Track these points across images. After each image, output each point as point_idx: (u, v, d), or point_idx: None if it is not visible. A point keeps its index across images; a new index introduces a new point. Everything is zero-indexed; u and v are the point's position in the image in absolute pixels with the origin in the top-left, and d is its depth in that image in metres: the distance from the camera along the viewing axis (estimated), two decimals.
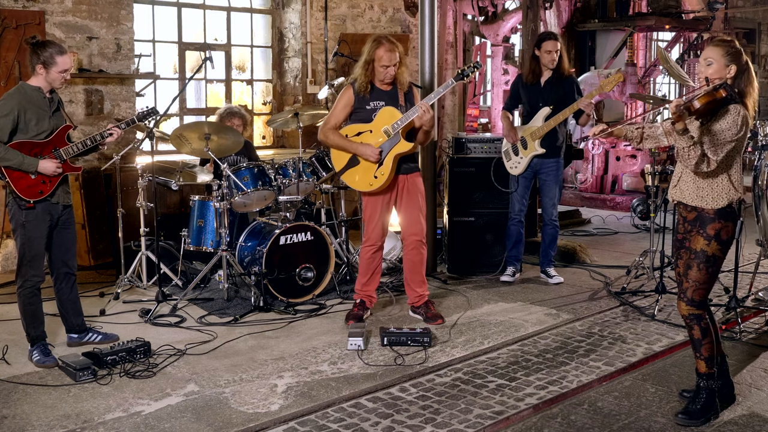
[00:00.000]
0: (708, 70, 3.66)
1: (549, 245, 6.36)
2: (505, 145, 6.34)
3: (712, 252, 3.68)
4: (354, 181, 5.22)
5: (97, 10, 7.13)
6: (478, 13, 10.22)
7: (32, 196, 4.40)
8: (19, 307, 4.56)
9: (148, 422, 3.75)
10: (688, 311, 3.74)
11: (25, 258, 4.47)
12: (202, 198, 6.04)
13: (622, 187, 10.14)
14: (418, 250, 5.31)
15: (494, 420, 3.76)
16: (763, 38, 14.87)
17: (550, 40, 6.12)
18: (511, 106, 6.46)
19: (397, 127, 5.05)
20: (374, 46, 5.08)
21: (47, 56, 4.38)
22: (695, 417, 3.72)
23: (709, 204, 3.67)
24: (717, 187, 3.67)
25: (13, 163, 4.33)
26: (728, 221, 3.68)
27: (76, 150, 4.55)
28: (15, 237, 4.50)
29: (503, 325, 5.23)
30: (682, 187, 3.79)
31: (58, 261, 4.64)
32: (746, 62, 3.66)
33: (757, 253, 5.72)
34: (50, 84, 4.45)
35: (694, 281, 3.72)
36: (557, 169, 6.24)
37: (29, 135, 4.39)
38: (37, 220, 4.44)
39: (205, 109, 8.50)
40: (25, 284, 4.49)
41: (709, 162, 3.57)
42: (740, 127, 3.55)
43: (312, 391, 4.11)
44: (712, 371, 3.76)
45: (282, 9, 8.99)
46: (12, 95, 4.39)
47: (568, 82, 6.18)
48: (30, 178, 4.39)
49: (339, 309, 5.59)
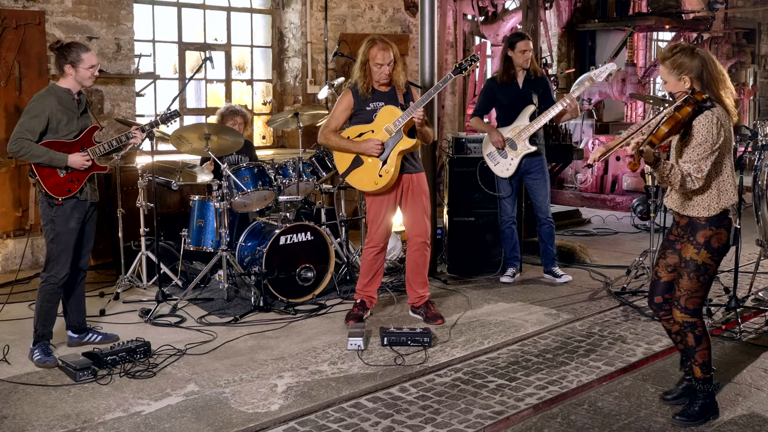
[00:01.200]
0: (666, 88, 3.64)
1: (548, 242, 6.35)
2: (488, 147, 6.28)
3: (702, 261, 3.62)
4: (359, 181, 5.21)
5: (97, 10, 7.13)
6: (478, 13, 10.22)
7: (61, 194, 4.51)
8: (36, 302, 4.61)
9: (148, 422, 3.75)
10: (683, 319, 3.71)
11: (53, 253, 4.55)
12: (202, 198, 6.05)
13: (622, 187, 10.15)
14: (422, 251, 5.31)
15: (494, 420, 3.76)
16: (763, 38, 14.87)
17: (524, 40, 6.16)
18: (483, 112, 6.44)
19: (399, 124, 5.05)
20: (368, 46, 5.11)
21: (74, 56, 4.52)
22: (694, 418, 3.71)
23: (701, 212, 3.62)
24: (708, 196, 3.60)
25: (44, 160, 4.44)
26: (720, 228, 3.61)
27: (103, 150, 4.66)
28: (45, 233, 4.60)
29: (503, 325, 5.23)
30: (674, 196, 3.75)
31: (75, 256, 4.69)
32: (701, 62, 3.54)
33: (757, 253, 5.72)
34: (80, 83, 4.58)
35: (686, 290, 3.67)
36: (543, 166, 6.24)
37: (59, 135, 4.52)
38: (66, 216, 4.54)
39: (205, 109, 8.50)
40: (50, 279, 4.57)
41: (694, 180, 3.51)
42: (716, 134, 3.47)
43: (312, 391, 4.12)
44: (708, 376, 3.74)
45: (282, 9, 8.99)
46: (44, 96, 4.52)
47: (542, 80, 6.24)
48: (59, 177, 4.50)
49: (339, 309, 5.59)
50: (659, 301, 3.86)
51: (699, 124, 3.49)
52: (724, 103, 3.55)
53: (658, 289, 3.86)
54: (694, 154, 3.51)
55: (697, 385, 3.76)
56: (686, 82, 3.57)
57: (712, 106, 3.51)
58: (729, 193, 3.62)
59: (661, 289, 3.84)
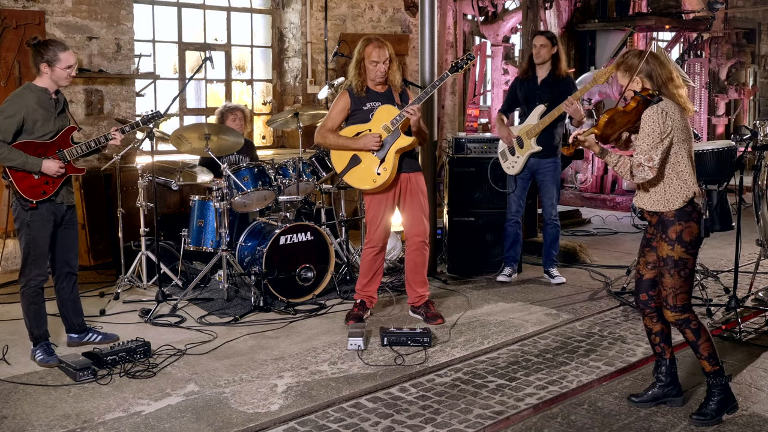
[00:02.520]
0: (625, 92, 3.75)
1: (551, 245, 6.36)
2: (501, 146, 6.35)
3: (678, 256, 3.67)
4: (357, 180, 5.21)
5: (97, 10, 7.13)
6: (478, 13, 10.22)
7: (35, 197, 4.41)
8: (23, 307, 4.57)
9: (148, 422, 3.75)
10: (675, 318, 3.73)
11: (30, 257, 4.48)
12: (202, 198, 6.04)
13: (622, 187, 10.15)
14: (420, 250, 5.31)
15: (494, 420, 3.76)
16: (763, 38, 14.86)
17: (537, 35, 6.25)
18: (507, 109, 6.48)
19: (396, 123, 5.05)
20: (363, 44, 5.12)
21: (51, 54, 4.39)
22: (711, 416, 3.71)
23: (666, 206, 3.68)
24: (669, 188, 3.68)
25: (17, 164, 4.34)
26: (689, 221, 3.67)
27: (80, 152, 4.56)
28: (19, 237, 4.51)
29: (503, 325, 5.23)
30: (641, 195, 3.82)
31: (61, 260, 4.65)
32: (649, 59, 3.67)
33: (757, 253, 5.72)
34: (56, 83, 4.46)
35: (670, 288, 3.70)
36: (555, 168, 6.25)
37: (34, 136, 4.41)
38: (42, 219, 4.45)
39: (205, 109, 8.50)
40: (29, 283, 4.51)
41: (645, 170, 3.61)
42: (662, 122, 3.58)
43: (312, 391, 4.12)
44: (717, 368, 3.75)
45: (282, 9, 8.99)
46: (19, 96, 4.40)
47: (565, 82, 6.22)
48: (33, 179, 4.40)
49: (339, 309, 5.59)
50: (644, 299, 3.90)
51: (646, 116, 3.63)
52: (676, 98, 3.68)
53: (642, 287, 3.90)
54: (643, 145, 3.62)
55: (710, 380, 3.76)
56: (638, 83, 3.72)
57: (660, 101, 3.63)
58: (689, 183, 3.68)
59: (645, 286, 3.88)
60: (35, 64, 4.44)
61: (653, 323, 3.91)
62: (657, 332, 3.92)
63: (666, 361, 3.94)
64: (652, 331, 3.93)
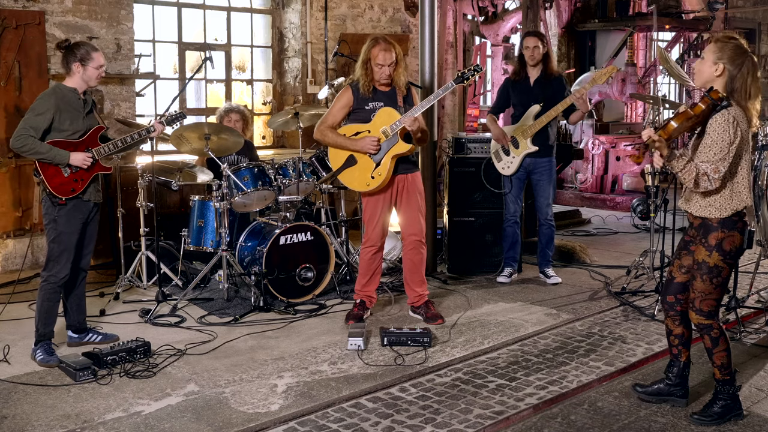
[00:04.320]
0: (699, 66, 3.61)
1: (546, 245, 6.37)
2: (494, 146, 6.34)
3: (714, 263, 3.61)
4: (351, 181, 5.21)
5: (97, 10, 7.13)
6: (478, 13, 10.22)
7: (65, 194, 4.50)
8: (37, 301, 4.61)
9: (148, 422, 3.75)
10: (698, 321, 3.70)
11: (54, 253, 4.55)
12: (202, 198, 6.05)
13: (622, 187, 10.14)
14: (417, 250, 5.31)
15: (494, 420, 3.76)
16: (763, 38, 14.86)
17: (529, 36, 6.24)
18: (498, 110, 6.47)
19: (396, 128, 5.05)
20: (370, 45, 5.10)
21: (84, 53, 4.53)
22: (713, 418, 3.70)
23: (713, 213, 3.61)
24: (721, 197, 3.59)
25: (46, 157, 4.42)
26: (732, 231, 3.60)
27: (109, 150, 4.65)
28: (47, 233, 4.59)
29: (503, 325, 5.23)
30: (687, 197, 3.74)
31: (76, 256, 4.69)
32: (744, 61, 3.52)
33: (757, 253, 5.72)
34: (86, 82, 4.58)
35: (699, 292, 3.66)
36: (550, 168, 6.25)
37: (63, 134, 4.50)
38: (68, 216, 4.54)
39: (205, 109, 8.50)
40: (50, 279, 4.57)
41: (711, 180, 3.49)
42: (732, 133, 3.45)
43: (312, 391, 4.12)
44: (727, 377, 3.73)
45: (282, 9, 8.99)
46: (49, 95, 4.51)
47: (557, 81, 6.23)
48: (63, 176, 4.49)
49: (339, 309, 5.59)
50: (671, 300, 3.87)
51: (715, 123, 3.47)
52: (745, 107, 3.52)
53: (671, 289, 3.86)
54: (711, 154, 3.49)
55: (718, 386, 3.76)
56: (718, 69, 3.55)
57: (729, 105, 3.48)
58: (742, 195, 3.60)
59: (675, 289, 3.85)
60: (66, 65, 4.56)
61: (675, 326, 3.89)
62: (677, 335, 3.90)
63: (680, 363, 3.92)
64: (672, 332, 3.91)
